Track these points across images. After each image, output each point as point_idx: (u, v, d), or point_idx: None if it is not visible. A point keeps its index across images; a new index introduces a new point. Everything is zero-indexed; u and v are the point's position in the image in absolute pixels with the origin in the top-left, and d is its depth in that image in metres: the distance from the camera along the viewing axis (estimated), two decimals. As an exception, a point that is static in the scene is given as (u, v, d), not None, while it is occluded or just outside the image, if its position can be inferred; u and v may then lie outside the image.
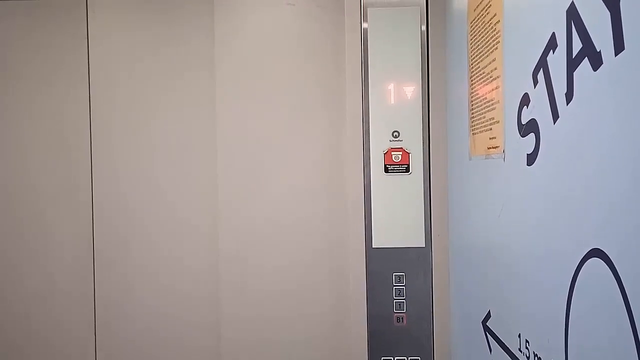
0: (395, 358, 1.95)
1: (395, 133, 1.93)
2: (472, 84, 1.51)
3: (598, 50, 0.77)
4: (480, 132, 1.42)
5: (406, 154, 1.93)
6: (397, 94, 1.93)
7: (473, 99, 1.50)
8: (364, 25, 1.95)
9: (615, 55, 0.72)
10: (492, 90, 1.31)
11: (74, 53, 2.14)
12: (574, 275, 0.86)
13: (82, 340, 2.15)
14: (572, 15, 0.85)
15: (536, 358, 1.06)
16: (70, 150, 2.15)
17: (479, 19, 1.41)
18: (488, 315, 1.42)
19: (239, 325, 2.09)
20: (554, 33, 0.93)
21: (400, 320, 1.94)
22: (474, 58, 1.47)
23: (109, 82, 2.14)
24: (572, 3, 0.85)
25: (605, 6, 0.74)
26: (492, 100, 1.32)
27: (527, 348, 1.12)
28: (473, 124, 1.50)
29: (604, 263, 0.76)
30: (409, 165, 1.93)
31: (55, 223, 2.16)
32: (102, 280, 2.14)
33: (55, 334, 2.16)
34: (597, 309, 0.80)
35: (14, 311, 2.17)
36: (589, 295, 0.83)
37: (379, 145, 1.94)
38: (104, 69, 2.14)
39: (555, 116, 0.93)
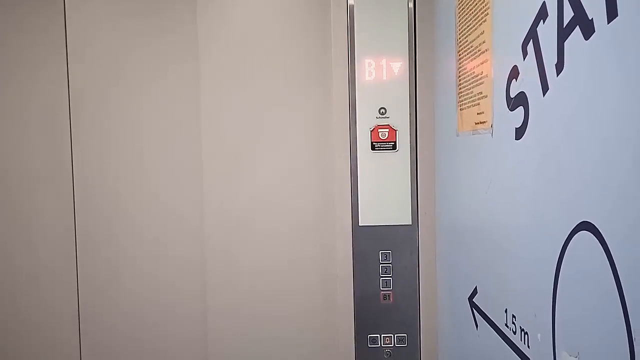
0: (382, 335, 1.96)
1: (382, 110, 1.91)
2: (460, 59, 1.49)
3: (590, 18, 0.75)
4: (468, 107, 1.41)
5: (393, 131, 1.91)
6: (383, 71, 1.90)
7: (461, 73, 1.48)
8: (350, 1, 1.91)
9: (608, 22, 0.70)
10: (481, 64, 1.29)
11: (52, 36, 2.06)
12: (562, 248, 0.86)
13: (66, 324, 2.11)
14: (564, -17, 0.83)
15: (523, 333, 1.06)
16: (51, 133, 2.09)
17: (467, -9, 1.38)
18: (474, 292, 1.42)
19: (225, 305, 2.08)
20: (544, 2, 0.91)
21: (387, 297, 1.94)
22: (462, 32, 1.45)
23: (88, 63, 2.07)
24: (564, -30, 0.83)
25: (598, -28, 0.72)
26: (480, 74, 1.30)
27: (513, 323, 1.11)
28: (461, 99, 1.48)
29: (593, 236, 0.76)
30: (395, 142, 1.91)
31: (36, 205, 2.10)
32: (86, 265, 2.10)
33: (40, 318, 2.12)
34: (585, 282, 0.79)
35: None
36: (578, 268, 0.82)
37: (365, 122, 1.92)
38: (84, 52, 2.06)
39: (545, 88, 0.91)
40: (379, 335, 1.96)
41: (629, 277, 0.67)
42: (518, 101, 1.05)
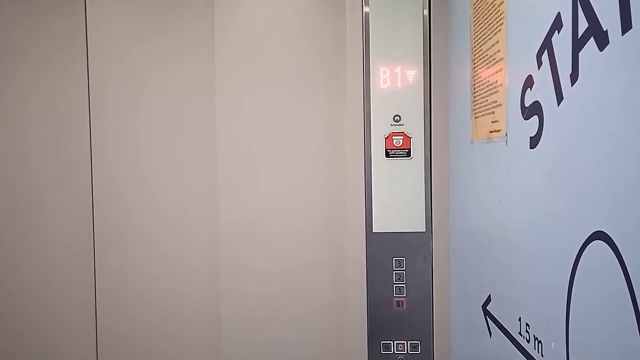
0: (395, 342, 1.96)
1: (397, 117, 1.92)
2: (474, 67, 1.49)
3: (604, 30, 0.76)
4: (483, 115, 1.41)
5: (407, 138, 1.92)
6: (398, 78, 1.91)
7: (475, 82, 1.48)
8: (366, 9, 1.93)
9: (622, 34, 0.71)
10: (495, 73, 1.29)
11: (72, 38, 2.11)
12: (576, 258, 0.86)
13: (83, 332, 2.14)
14: (579, -6, 0.84)
15: (536, 341, 1.06)
16: (69, 138, 2.13)
17: (482, 0, 1.39)
18: (488, 300, 1.42)
19: (239, 311, 2.09)
20: (559, 13, 0.91)
21: (400, 304, 1.94)
22: (476, 41, 1.46)
23: (107, 67, 2.11)
24: (579, -18, 0.84)
25: (612, -16, 0.73)
26: (495, 83, 1.30)
27: (527, 331, 1.12)
28: (475, 107, 1.49)
29: (607, 245, 0.76)
30: (410, 149, 1.92)
31: (54, 212, 2.14)
32: (102, 272, 2.13)
33: (56, 325, 2.15)
34: (599, 291, 0.79)
35: (14, 301, 2.15)
36: (591, 278, 0.82)
37: (380, 129, 1.93)
38: (102, 53, 2.11)
39: (560, 98, 0.92)
40: (392, 342, 1.96)
41: (642, 287, 0.67)
42: (533, 110, 1.05)
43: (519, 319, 1.16)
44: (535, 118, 1.04)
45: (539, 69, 1.01)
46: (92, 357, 2.14)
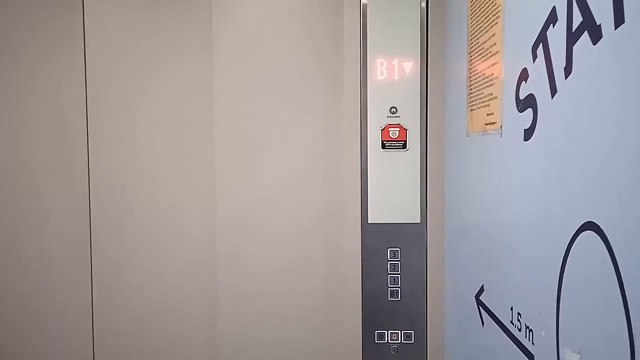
0: (389, 332, 1.98)
1: (393, 109, 1.93)
2: (471, 60, 1.50)
3: (598, 24, 0.77)
4: (478, 108, 1.43)
5: (403, 130, 1.93)
6: (395, 70, 1.92)
7: (472, 74, 1.50)
8: (363, 0, 1.93)
9: (615, 28, 0.72)
10: (491, 65, 1.31)
11: (70, 37, 2.09)
12: (567, 248, 0.88)
13: (80, 324, 2.14)
14: (573, -12, 0.85)
15: (528, 330, 1.08)
16: (67, 134, 2.12)
17: (479, -7, 1.40)
18: (481, 290, 1.44)
19: (236, 305, 2.11)
20: (554, 7, 0.92)
21: (395, 294, 1.96)
22: (473, 33, 1.47)
23: (105, 65, 2.09)
24: (574, -24, 0.85)
25: (606, -21, 0.74)
26: (490, 75, 1.32)
27: (519, 320, 1.14)
28: (471, 100, 1.50)
29: (597, 236, 0.77)
30: (406, 141, 1.93)
31: (52, 206, 2.13)
32: (99, 265, 2.13)
33: (53, 316, 2.15)
34: (589, 281, 0.81)
35: (11, 291, 2.15)
36: (582, 267, 0.84)
37: (376, 121, 1.94)
38: (100, 52, 2.09)
39: (554, 91, 0.93)
40: (386, 332, 1.98)
41: (631, 276, 0.69)
42: (527, 103, 1.07)
43: (511, 309, 1.18)
44: (529, 111, 1.06)
45: (534, 62, 1.03)
46: (89, 349, 2.15)
